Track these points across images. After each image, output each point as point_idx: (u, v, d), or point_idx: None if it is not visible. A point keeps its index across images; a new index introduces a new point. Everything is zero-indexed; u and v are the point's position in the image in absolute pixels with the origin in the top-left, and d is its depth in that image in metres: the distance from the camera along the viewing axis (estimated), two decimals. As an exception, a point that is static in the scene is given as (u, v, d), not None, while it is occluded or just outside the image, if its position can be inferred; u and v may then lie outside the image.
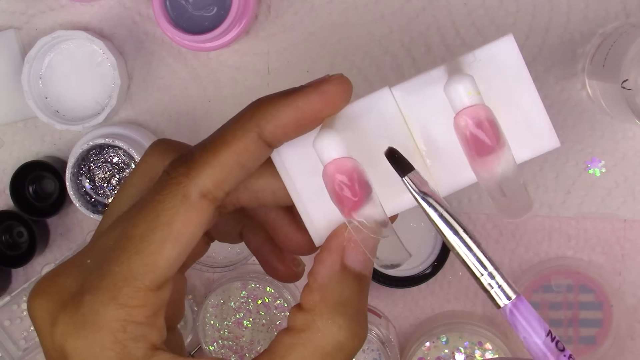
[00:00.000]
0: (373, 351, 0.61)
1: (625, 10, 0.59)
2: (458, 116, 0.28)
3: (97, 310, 0.27)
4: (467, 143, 0.28)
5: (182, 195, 0.28)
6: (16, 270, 0.68)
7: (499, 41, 0.30)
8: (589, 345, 0.62)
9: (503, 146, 0.28)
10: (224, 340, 0.65)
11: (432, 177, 0.31)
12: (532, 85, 0.30)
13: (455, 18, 0.60)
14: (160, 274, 0.28)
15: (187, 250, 0.28)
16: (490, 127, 0.28)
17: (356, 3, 0.61)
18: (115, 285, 0.27)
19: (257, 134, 0.29)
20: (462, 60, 0.30)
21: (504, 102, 0.30)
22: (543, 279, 0.61)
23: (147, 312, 0.28)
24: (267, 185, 0.32)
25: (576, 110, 0.60)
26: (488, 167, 0.28)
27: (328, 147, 0.28)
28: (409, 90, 0.30)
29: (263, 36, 0.63)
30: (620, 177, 0.61)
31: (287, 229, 0.34)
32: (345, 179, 0.28)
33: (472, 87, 0.28)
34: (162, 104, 0.65)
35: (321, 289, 0.30)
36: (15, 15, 0.65)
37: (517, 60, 0.30)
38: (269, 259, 0.35)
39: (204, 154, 0.29)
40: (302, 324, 0.29)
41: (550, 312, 0.62)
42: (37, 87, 0.63)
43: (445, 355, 0.61)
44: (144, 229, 0.28)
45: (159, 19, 0.59)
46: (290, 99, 0.29)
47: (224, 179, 0.29)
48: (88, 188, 0.63)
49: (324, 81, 0.30)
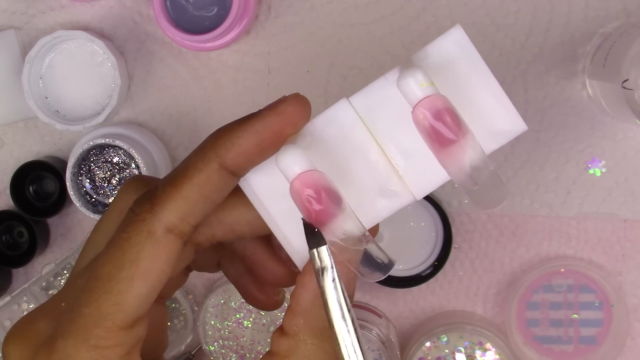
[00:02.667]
0: (374, 351, 0.61)
1: (625, 10, 0.59)
2: (415, 110, 0.27)
3: (69, 354, 0.27)
4: (428, 135, 0.27)
5: (147, 231, 0.28)
6: (17, 270, 0.68)
7: (447, 33, 0.29)
8: (590, 345, 0.62)
9: (466, 134, 0.27)
10: (225, 340, 0.65)
11: (404, 180, 0.30)
12: (488, 73, 0.29)
13: (455, 18, 0.60)
14: (130, 312, 0.27)
15: (157, 286, 0.28)
16: (449, 115, 0.27)
17: (356, 3, 0.61)
18: (85, 327, 0.27)
19: (218, 163, 0.28)
20: (415, 58, 0.30)
21: (463, 94, 0.29)
22: (543, 278, 0.61)
23: (120, 351, 0.27)
24: (242, 216, 0.31)
25: (576, 110, 0.60)
26: (454, 158, 0.27)
27: (290, 163, 0.28)
28: (367, 97, 0.30)
29: (263, 36, 0.63)
30: (620, 177, 0.61)
31: (266, 261, 0.33)
32: (312, 192, 0.27)
33: (424, 79, 0.27)
34: (162, 104, 0.65)
35: (304, 313, 0.29)
36: (15, 15, 0.65)
37: (469, 50, 0.29)
38: (249, 288, 0.35)
39: (167, 188, 0.28)
40: (286, 349, 0.29)
41: (550, 312, 0.62)
42: (37, 87, 0.63)
43: (446, 355, 0.61)
44: (111, 267, 0.28)
45: (160, 19, 0.59)
46: (248, 125, 0.29)
47: (188, 212, 0.28)
48: (88, 188, 0.63)
49: (280, 102, 0.29)
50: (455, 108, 0.27)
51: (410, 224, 0.62)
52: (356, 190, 0.30)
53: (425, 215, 0.61)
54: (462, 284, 0.64)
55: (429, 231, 0.61)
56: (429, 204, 0.61)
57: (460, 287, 0.64)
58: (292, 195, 0.28)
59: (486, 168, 0.28)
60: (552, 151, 0.61)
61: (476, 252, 0.63)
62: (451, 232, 0.61)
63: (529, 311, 0.62)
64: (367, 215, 0.30)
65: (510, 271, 0.63)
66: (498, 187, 0.29)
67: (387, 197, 0.30)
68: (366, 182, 0.30)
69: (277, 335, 0.30)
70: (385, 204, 0.30)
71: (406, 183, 0.30)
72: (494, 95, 0.29)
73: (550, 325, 0.62)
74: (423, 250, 0.62)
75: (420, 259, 0.62)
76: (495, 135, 0.30)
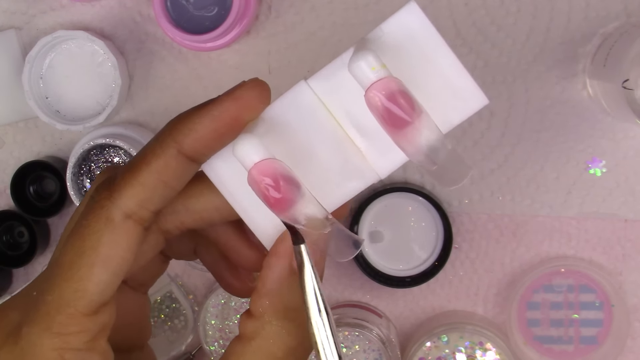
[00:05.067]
0: (374, 351, 0.61)
1: (626, 10, 0.59)
2: (367, 93, 0.27)
3: (34, 342, 0.27)
4: (382, 118, 0.27)
5: (106, 218, 0.28)
6: (17, 270, 0.68)
7: (402, 10, 0.29)
8: (590, 345, 0.62)
9: (420, 114, 0.27)
10: (225, 340, 0.65)
11: (367, 159, 0.30)
12: (446, 47, 0.29)
13: (456, 18, 0.60)
14: (92, 299, 0.27)
15: (118, 272, 0.28)
16: (402, 97, 0.27)
17: (357, 3, 0.61)
18: (48, 314, 0.27)
19: (176, 149, 0.28)
20: (370, 37, 0.29)
21: (421, 70, 0.29)
22: (544, 278, 0.61)
23: (85, 337, 0.27)
24: (209, 203, 0.31)
25: (577, 110, 0.60)
26: (410, 140, 0.27)
27: (247, 152, 0.27)
28: (325, 78, 0.30)
29: (264, 36, 0.63)
30: (621, 177, 0.61)
31: (238, 246, 0.33)
32: (269, 181, 0.27)
33: (375, 61, 0.27)
34: (162, 104, 0.65)
35: (269, 294, 0.29)
36: (16, 15, 0.65)
37: (425, 25, 0.29)
38: (224, 275, 0.35)
39: (126, 175, 0.28)
40: (252, 331, 0.29)
41: (551, 312, 0.62)
42: (37, 87, 0.63)
43: (446, 355, 0.61)
44: (72, 255, 0.28)
45: (160, 19, 0.59)
46: (205, 110, 0.29)
47: (147, 199, 0.28)
48: (89, 188, 0.63)
49: (237, 87, 0.29)
50: (407, 89, 0.27)
51: (410, 224, 0.62)
52: (319, 172, 0.30)
53: (426, 215, 0.61)
54: (462, 284, 0.64)
55: (430, 231, 0.61)
56: (429, 204, 0.61)
57: (461, 287, 0.64)
58: (250, 184, 0.28)
59: (443, 147, 0.28)
60: (553, 151, 0.61)
61: (476, 252, 0.63)
62: (451, 232, 0.61)
63: (529, 311, 0.62)
64: (332, 196, 0.30)
65: (510, 271, 0.63)
66: (459, 164, 0.29)
67: (351, 178, 0.30)
68: (329, 163, 0.30)
69: (245, 317, 0.30)
70: (351, 184, 0.30)
71: (370, 162, 0.30)
72: (452, 70, 0.29)
73: (550, 325, 0.62)
74: (423, 250, 0.62)
75: (420, 259, 0.62)
76: (455, 111, 0.29)
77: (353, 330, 0.60)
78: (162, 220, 0.31)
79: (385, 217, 0.62)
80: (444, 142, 0.28)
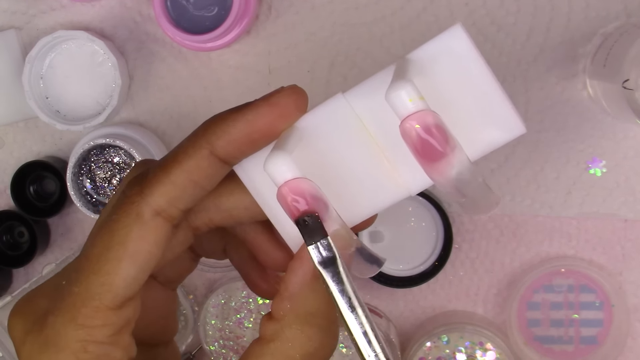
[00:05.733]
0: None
1: (626, 10, 0.59)
2: (403, 123, 0.27)
3: (58, 331, 0.28)
4: (415, 150, 0.27)
5: (136, 214, 0.28)
6: (17, 270, 0.68)
7: (447, 32, 0.29)
8: (590, 345, 0.62)
9: (454, 149, 0.27)
10: (225, 340, 0.65)
11: (399, 180, 0.30)
12: (488, 73, 0.29)
13: (456, 18, 0.60)
14: (118, 293, 0.28)
15: (145, 268, 0.28)
16: (438, 131, 0.27)
17: (357, 3, 0.61)
18: (74, 306, 0.28)
19: (208, 150, 0.28)
20: (411, 58, 0.29)
21: (461, 94, 0.29)
22: (544, 278, 0.61)
23: (109, 331, 0.28)
24: (239, 202, 0.31)
25: (577, 111, 0.60)
26: (441, 172, 0.27)
27: (278, 169, 0.27)
28: (363, 93, 0.30)
29: (264, 36, 0.63)
30: (621, 177, 0.61)
31: (267, 246, 0.33)
32: (298, 199, 0.27)
33: (414, 93, 0.27)
34: (163, 104, 0.65)
35: (292, 298, 0.29)
36: (16, 15, 0.65)
37: (468, 49, 0.28)
38: (251, 275, 0.35)
39: (157, 172, 0.28)
40: (272, 334, 0.29)
41: (551, 312, 0.62)
42: (38, 87, 0.63)
43: (446, 355, 0.61)
44: (101, 248, 0.28)
45: (160, 19, 0.59)
46: (241, 114, 0.29)
47: (177, 197, 0.28)
48: (89, 188, 0.63)
49: (275, 93, 0.29)
50: (443, 123, 0.27)
51: (410, 223, 0.62)
52: (349, 184, 0.30)
53: (426, 215, 0.61)
54: (462, 284, 0.64)
55: (430, 231, 0.61)
56: (429, 204, 0.61)
57: (461, 287, 0.64)
58: (278, 200, 0.28)
59: (474, 180, 0.28)
60: (553, 151, 0.61)
61: (477, 252, 0.63)
62: (452, 232, 0.61)
63: (529, 311, 0.62)
64: (361, 208, 0.30)
65: (510, 271, 0.63)
66: (487, 196, 0.29)
67: (381, 192, 0.30)
68: (360, 176, 0.30)
69: (266, 319, 0.30)
70: (380, 198, 0.30)
71: (401, 179, 0.30)
72: (492, 97, 0.29)
73: (550, 325, 0.62)
74: (423, 250, 0.62)
75: (420, 259, 0.62)
76: (492, 137, 0.29)
77: (353, 330, 0.60)
78: (192, 217, 0.31)
79: (385, 217, 0.62)
80: (476, 175, 0.28)
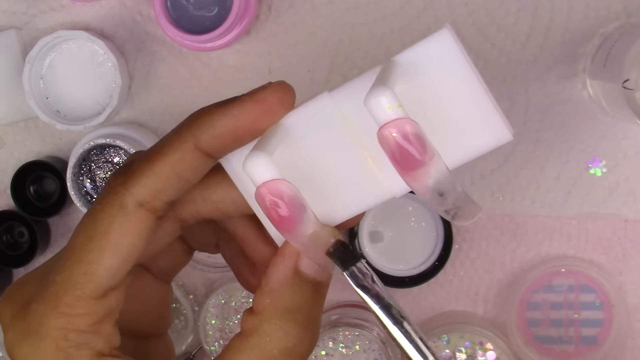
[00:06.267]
0: (374, 351, 0.61)
1: (626, 10, 0.58)
2: (380, 130, 0.26)
3: (40, 319, 0.28)
4: (392, 157, 0.27)
5: (119, 204, 0.28)
6: (17, 270, 0.69)
7: (434, 35, 0.28)
8: (590, 345, 0.62)
9: (432, 158, 0.27)
10: (225, 340, 0.65)
11: (384, 181, 0.30)
12: (474, 78, 0.28)
13: (456, 18, 0.60)
14: (100, 283, 0.28)
15: (128, 259, 0.28)
16: (416, 140, 0.26)
17: (357, 3, 0.61)
18: (56, 294, 0.28)
19: (193, 144, 0.28)
20: (397, 60, 0.28)
21: (446, 99, 0.28)
22: (544, 279, 0.61)
23: (90, 320, 0.28)
24: (226, 195, 0.31)
25: (577, 110, 0.60)
26: (419, 181, 0.27)
27: (257, 170, 0.27)
28: (349, 93, 0.29)
29: (264, 36, 0.63)
30: (621, 177, 0.60)
31: (254, 241, 0.33)
32: (275, 200, 0.27)
33: (393, 100, 0.26)
34: (163, 104, 0.65)
35: (271, 293, 0.29)
36: (16, 15, 0.65)
37: (455, 53, 0.28)
38: (242, 271, 0.35)
39: (142, 164, 0.29)
40: (251, 328, 0.29)
41: (551, 312, 0.62)
42: (38, 87, 0.63)
43: (447, 355, 0.61)
44: (84, 238, 0.28)
45: (160, 19, 0.59)
46: (226, 108, 0.29)
47: (160, 189, 0.28)
48: (89, 188, 0.64)
49: (261, 89, 0.29)
50: (422, 131, 0.26)
51: (410, 223, 0.62)
52: (332, 183, 0.30)
53: (426, 215, 0.61)
54: (462, 284, 0.64)
55: (430, 231, 0.61)
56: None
57: (461, 287, 0.64)
58: (257, 200, 0.28)
59: (453, 190, 0.28)
60: (553, 151, 0.61)
61: (477, 252, 0.63)
62: (452, 232, 0.61)
63: (529, 311, 0.62)
64: (343, 208, 0.30)
65: (510, 271, 0.63)
66: (468, 205, 0.29)
67: (365, 192, 0.30)
68: (343, 175, 0.30)
69: (247, 314, 0.30)
70: (364, 198, 0.30)
71: (386, 180, 0.30)
72: (478, 102, 0.28)
73: (550, 325, 0.62)
74: (424, 250, 0.62)
75: (420, 259, 0.62)
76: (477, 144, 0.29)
77: (353, 330, 0.60)
78: (179, 209, 0.31)
79: (385, 217, 0.62)
80: (454, 185, 0.28)
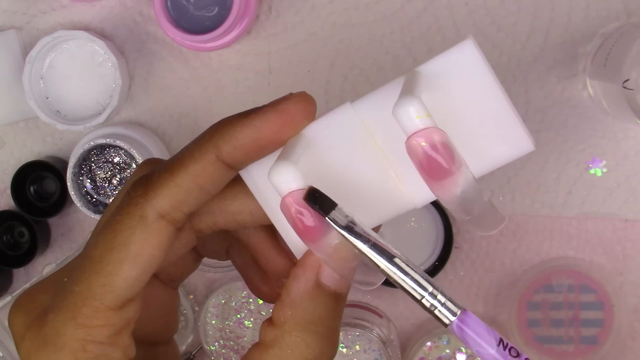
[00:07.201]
0: (374, 351, 0.61)
1: (626, 10, 0.59)
2: (409, 140, 0.27)
3: (58, 330, 0.28)
4: (420, 167, 0.27)
5: (139, 216, 0.28)
6: (17, 270, 0.68)
7: (458, 46, 0.28)
8: (590, 345, 0.62)
9: (460, 167, 0.27)
10: (225, 340, 0.65)
11: (405, 192, 0.30)
12: (498, 89, 0.28)
13: (456, 18, 0.60)
14: (119, 294, 0.28)
15: (147, 270, 0.28)
16: (444, 149, 0.26)
17: (357, 3, 0.61)
18: (75, 305, 0.28)
19: (215, 155, 0.28)
20: (421, 71, 0.29)
21: (469, 109, 0.29)
22: (544, 278, 0.61)
23: (108, 331, 0.28)
24: (244, 206, 0.31)
25: (577, 110, 0.60)
26: (447, 191, 0.27)
27: (282, 179, 0.27)
28: (372, 104, 0.29)
29: (264, 36, 0.63)
30: (621, 177, 0.61)
31: (269, 252, 0.33)
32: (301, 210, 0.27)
33: (421, 110, 0.26)
34: (163, 104, 0.65)
35: (292, 305, 0.29)
36: (16, 15, 0.65)
37: (479, 65, 0.28)
38: (253, 279, 0.35)
39: (163, 175, 0.28)
40: (271, 340, 0.29)
41: (551, 312, 0.62)
42: (38, 87, 0.63)
43: (447, 355, 0.61)
44: (103, 249, 0.28)
45: (160, 19, 0.59)
46: (248, 119, 0.29)
47: (181, 201, 0.28)
48: (89, 188, 0.63)
49: (283, 100, 0.29)
50: (450, 141, 0.27)
51: (411, 224, 0.62)
52: (354, 194, 0.30)
53: (426, 215, 0.61)
54: (462, 284, 0.64)
55: (430, 231, 0.61)
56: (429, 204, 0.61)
57: (461, 287, 0.64)
58: (282, 210, 0.28)
59: (480, 199, 0.28)
60: (553, 151, 0.61)
61: (477, 252, 0.63)
62: (452, 232, 0.61)
63: (529, 311, 0.62)
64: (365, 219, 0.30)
65: (511, 271, 0.63)
66: (492, 215, 0.29)
67: (386, 203, 0.30)
68: (365, 187, 0.30)
69: (266, 325, 0.30)
70: (385, 209, 0.30)
71: (407, 191, 0.30)
72: (501, 113, 0.29)
73: (551, 325, 0.62)
74: (424, 250, 0.62)
75: (421, 259, 0.62)
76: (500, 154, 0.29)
77: (353, 330, 0.60)
78: (196, 219, 0.31)
79: (385, 217, 0.62)
80: (481, 194, 0.28)
